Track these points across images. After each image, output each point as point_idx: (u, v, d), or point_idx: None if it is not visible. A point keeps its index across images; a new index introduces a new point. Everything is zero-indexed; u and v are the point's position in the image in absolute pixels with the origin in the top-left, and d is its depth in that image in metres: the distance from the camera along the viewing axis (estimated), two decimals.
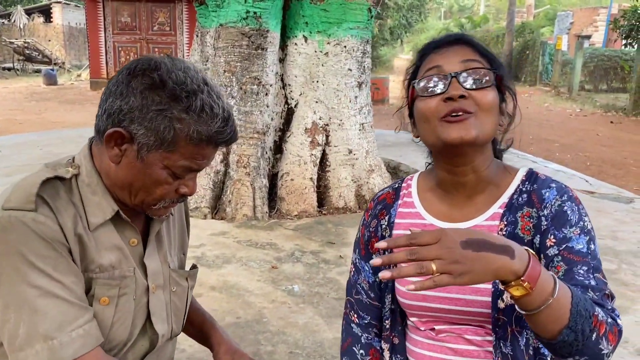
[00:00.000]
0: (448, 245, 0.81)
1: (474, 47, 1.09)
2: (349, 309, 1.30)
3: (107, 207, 1.05)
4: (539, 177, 1.12)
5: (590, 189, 5.80)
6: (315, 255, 3.77)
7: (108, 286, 1.04)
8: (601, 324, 0.90)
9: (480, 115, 1.04)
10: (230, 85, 4.67)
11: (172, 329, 1.18)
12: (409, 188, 1.24)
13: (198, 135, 0.97)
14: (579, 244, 1.01)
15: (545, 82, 19.80)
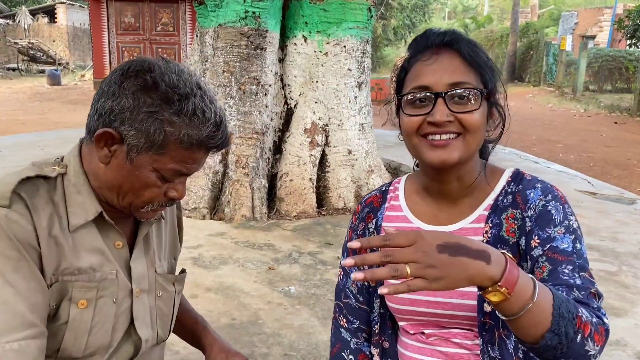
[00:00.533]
0: (423, 248, 0.79)
1: (465, 57, 1.03)
2: (337, 313, 1.28)
3: (91, 207, 1.03)
4: (525, 178, 1.10)
5: (593, 190, 5.75)
6: (312, 256, 3.75)
7: (85, 288, 1.01)
8: (585, 324, 0.87)
9: (466, 136, 1.03)
10: (229, 85, 4.66)
11: (157, 334, 1.16)
12: (396, 191, 1.23)
13: (189, 139, 0.96)
14: (564, 243, 0.99)
15: (549, 82, 19.72)
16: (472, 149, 1.05)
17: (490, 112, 1.07)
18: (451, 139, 1.02)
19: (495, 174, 1.14)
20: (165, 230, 1.22)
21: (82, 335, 1.01)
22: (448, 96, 1.01)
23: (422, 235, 0.80)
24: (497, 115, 1.09)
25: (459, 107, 1.02)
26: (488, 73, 1.05)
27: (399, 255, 0.79)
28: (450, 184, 1.11)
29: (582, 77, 16.81)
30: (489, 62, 1.07)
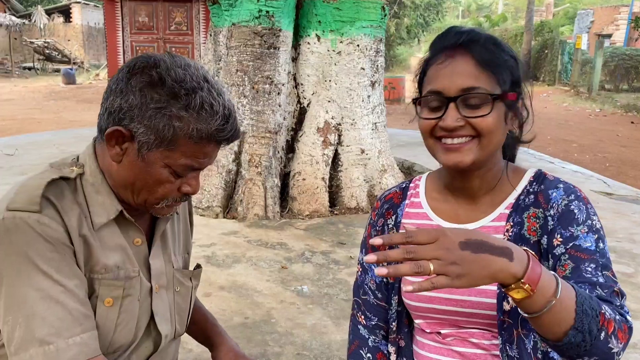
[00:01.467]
0: (446, 245, 0.78)
1: (478, 60, 1.01)
2: (356, 310, 1.28)
3: (111, 206, 1.04)
4: (547, 178, 1.10)
5: (608, 190, 5.68)
6: (325, 255, 3.75)
7: (113, 287, 1.03)
8: (609, 322, 0.86)
9: (481, 139, 1.02)
10: (242, 84, 4.67)
11: (175, 329, 1.17)
12: (416, 188, 1.23)
13: (198, 133, 0.96)
14: (587, 242, 0.99)
15: (564, 81, 19.52)
16: (489, 151, 1.04)
17: (512, 112, 1.06)
18: (464, 142, 1.02)
19: (517, 174, 1.13)
20: (178, 226, 1.23)
21: (107, 332, 1.02)
22: (460, 101, 1.01)
23: (445, 233, 0.80)
24: (518, 115, 1.07)
25: (470, 111, 1.01)
26: (505, 74, 1.02)
27: (421, 252, 0.79)
28: (471, 182, 1.11)
29: (598, 76, 16.61)
30: (509, 61, 1.04)
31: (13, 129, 9.25)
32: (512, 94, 1.03)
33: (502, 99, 1.02)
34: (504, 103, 1.03)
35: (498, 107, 1.02)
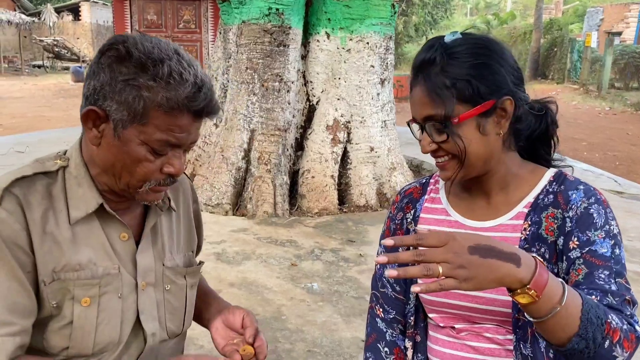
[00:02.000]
0: (455, 249, 0.81)
1: (427, 87, 1.03)
2: (374, 302, 1.29)
3: (92, 199, 1.01)
4: (567, 179, 1.09)
5: (619, 189, 5.64)
6: (335, 253, 3.75)
7: (88, 286, 1.00)
8: (615, 331, 0.88)
9: (458, 157, 1.05)
10: (252, 82, 4.67)
11: (167, 328, 1.13)
12: (436, 184, 1.24)
13: (168, 102, 0.93)
14: (603, 247, 0.99)
15: (573, 80, 19.39)
16: (475, 165, 1.06)
17: (493, 118, 1.03)
18: (446, 160, 1.06)
19: (536, 173, 1.13)
20: (179, 224, 1.19)
21: (88, 333, 1.00)
22: (427, 127, 1.05)
23: (454, 237, 0.82)
24: (503, 118, 1.04)
25: (437, 137, 1.04)
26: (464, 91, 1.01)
27: (431, 255, 0.82)
28: (480, 182, 1.12)
29: (608, 75, 16.49)
30: (475, 70, 1.02)
31: (23, 126, 9.32)
32: (475, 109, 1.01)
33: (460, 120, 1.01)
34: (477, 116, 1.02)
35: (464, 125, 1.02)
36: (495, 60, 1.04)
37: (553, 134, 1.16)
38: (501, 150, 1.08)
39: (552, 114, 1.15)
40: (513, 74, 1.05)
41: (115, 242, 1.05)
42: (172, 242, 1.16)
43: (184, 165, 1.02)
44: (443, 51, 1.03)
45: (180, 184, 1.21)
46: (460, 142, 1.02)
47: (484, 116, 1.03)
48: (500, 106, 1.03)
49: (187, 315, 1.18)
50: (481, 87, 1.01)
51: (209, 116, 0.99)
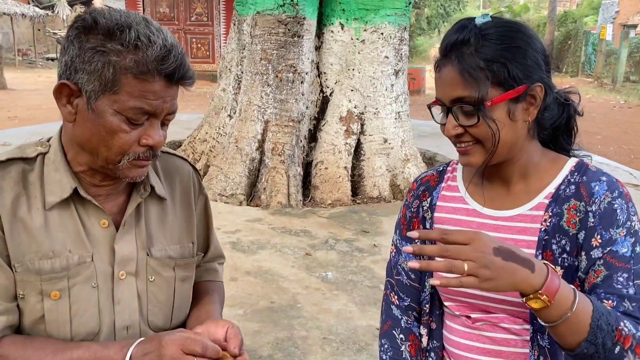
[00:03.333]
0: (482, 249, 0.84)
1: (461, 67, 1.00)
2: (389, 289, 1.29)
3: (67, 184, 1.00)
4: (589, 169, 1.08)
5: (635, 182, 5.60)
6: (349, 243, 3.76)
7: (55, 279, 0.98)
8: (627, 338, 0.90)
9: (483, 143, 1.03)
10: (266, 73, 4.68)
11: (149, 322, 1.09)
12: (454, 172, 1.23)
13: (137, 66, 0.91)
14: (624, 247, 0.99)
15: (587, 73, 19.19)
16: (499, 151, 1.03)
17: (523, 104, 1.02)
18: (470, 145, 1.04)
19: (557, 163, 1.11)
20: (174, 213, 1.15)
21: (63, 325, 0.99)
22: (455, 109, 1.02)
23: (480, 236, 0.85)
24: (532, 105, 1.03)
25: (465, 119, 1.02)
26: (498, 74, 0.99)
27: (457, 252, 0.84)
28: (500, 170, 1.11)
29: (623, 68, 16.30)
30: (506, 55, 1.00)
31: (39, 118, 9.41)
32: (508, 93, 1.00)
33: (492, 104, 0.99)
34: (508, 101, 1.00)
35: (496, 110, 1.00)
36: (529, 44, 1.02)
37: (574, 124, 1.15)
38: (525, 138, 1.07)
39: (575, 104, 1.14)
40: (544, 60, 1.04)
41: (93, 229, 1.03)
42: (163, 232, 1.12)
43: (163, 137, 0.99)
44: (477, 31, 1.00)
45: (177, 171, 1.18)
46: (494, 125, 1.00)
47: (515, 102, 1.01)
48: (531, 92, 1.02)
49: (175, 310, 1.13)
50: (516, 71, 1.00)
51: (182, 82, 0.97)
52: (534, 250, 1.05)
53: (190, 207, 1.19)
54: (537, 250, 1.05)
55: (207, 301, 1.20)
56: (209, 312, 1.15)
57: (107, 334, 1.03)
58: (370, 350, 2.41)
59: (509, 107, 1.01)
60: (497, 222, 1.11)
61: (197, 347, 0.92)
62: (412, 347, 1.23)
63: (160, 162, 1.16)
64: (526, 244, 1.07)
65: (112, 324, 1.03)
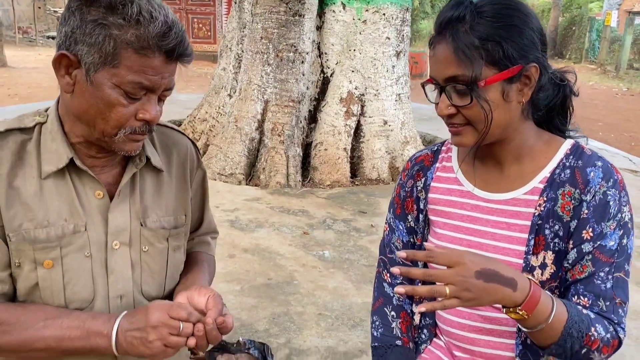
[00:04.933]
0: (463, 274, 0.89)
1: (455, 46, 0.98)
2: (382, 267, 1.30)
3: (63, 154, 1.01)
4: (585, 153, 1.07)
5: (634, 168, 5.61)
6: (346, 223, 3.79)
7: (48, 249, 1.00)
8: (595, 341, 0.97)
9: (475, 125, 1.03)
10: (266, 52, 4.66)
11: (143, 291, 1.11)
12: (448, 152, 1.22)
13: (138, 41, 0.91)
14: (612, 240, 1.01)
15: (590, 59, 19.07)
16: (491, 132, 1.02)
17: (517, 84, 1.01)
18: (462, 125, 1.04)
19: (552, 145, 1.10)
20: (170, 185, 1.17)
21: (57, 293, 1.01)
22: (449, 89, 1.01)
23: (464, 261, 0.89)
24: (526, 86, 1.02)
25: (458, 100, 1.01)
26: (493, 53, 0.97)
27: (440, 276, 0.90)
28: (493, 151, 1.10)
29: (627, 55, 16.20)
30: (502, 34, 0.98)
31: (39, 96, 9.38)
32: (502, 73, 0.98)
33: (486, 84, 0.98)
34: (503, 81, 0.99)
35: (490, 90, 0.99)
36: (526, 23, 1.00)
37: (570, 104, 1.14)
38: (519, 118, 1.06)
39: (570, 84, 1.13)
40: (540, 39, 1.02)
41: (87, 199, 1.04)
42: (158, 203, 1.13)
43: (159, 113, 1.00)
44: (473, 8, 0.99)
45: (174, 145, 1.19)
46: (487, 106, 0.99)
47: (509, 82, 1.00)
48: (526, 73, 1.00)
49: (168, 279, 1.15)
50: (511, 51, 0.98)
51: (181, 59, 0.98)
52: (527, 234, 1.06)
53: (186, 180, 1.20)
54: (530, 234, 1.06)
55: (195, 271, 1.22)
56: (194, 282, 1.16)
57: (102, 302, 1.05)
58: (364, 326, 2.44)
59: (503, 88, 1.00)
60: (491, 204, 1.12)
61: (182, 313, 0.96)
62: (403, 324, 1.25)
63: (158, 135, 1.17)
64: (519, 228, 1.08)
65: (106, 293, 1.06)
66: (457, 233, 1.14)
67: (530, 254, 1.05)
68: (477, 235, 1.11)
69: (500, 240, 1.09)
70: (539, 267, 1.05)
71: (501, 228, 1.09)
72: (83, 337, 0.97)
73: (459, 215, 1.14)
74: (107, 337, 0.97)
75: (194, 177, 1.24)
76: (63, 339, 0.97)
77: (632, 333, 2.51)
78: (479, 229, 1.12)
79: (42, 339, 0.97)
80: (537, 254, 1.05)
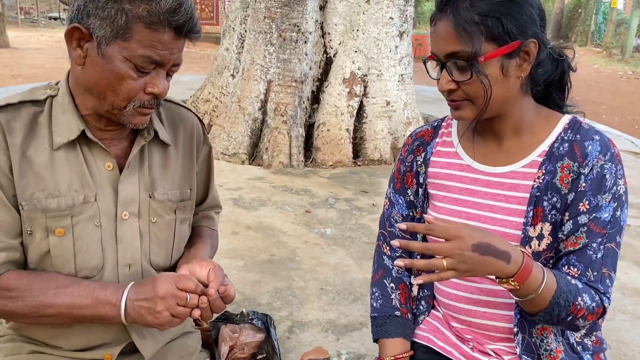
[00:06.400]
0: (460, 247, 0.92)
1: (455, 22, 1.00)
2: (381, 241, 1.33)
3: (74, 126, 1.04)
4: (582, 127, 1.09)
5: (636, 149, 5.62)
6: (348, 202, 3.82)
7: (59, 217, 1.03)
8: (580, 310, 1.01)
9: (474, 100, 1.05)
10: (269, 32, 4.66)
11: (151, 261, 1.14)
12: (449, 127, 1.24)
13: (150, 15, 0.94)
14: (606, 212, 1.04)
15: (596, 42, 18.90)
16: (490, 107, 1.05)
17: (517, 59, 1.03)
18: (462, 100, 1.06)
19: (551, 120, 1.12)
20: (176, 159, 1.19)
21: (68, 260, 1.04)
22: (449, 65, 1.03)
23: (462, 234, 0.93)
24: (525, 61, 1.04)
25: (459, 75, 1.03)
26: (492, 29, 0.99)
27: (438, 250, 0.94)
28: (493, 125, 1.12)
29: (633, 38, 16.05)
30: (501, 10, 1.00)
31: (42, 77, 9.39)
32: (501, 48, 1.00)
33: (486, 59, 1.00)
34: (502, 57, 1.01)
35: (489, 65, 1.01)
36: (523, 2, 1.01)
37: (568, 80, 1.16)
38: (517, 93, 1.07)
39: (568, 60, 1.14)
40: (539, 15, 1.04)
41: (98, 170, 1.07)
42: (165, 177, 1.16)
43: (167, 87, 1.03)
44: None
45: (181, 120, 1.22)
46: (487, 81, 1.01)
47: (508, 57, 1.02)
48: (525, 48, 1.02)
49: (175, 250, 1.19)
50: (510, 26, 1.00)
51: (189, 36, 1.00)
52: (525, 206, 1.09)
53: (192, 155, 1.23)
54: (529, 206, 1.08)
55: (198, 245, 1.26)
56: (196, 255, 1.20)
57: (111, 270, 1.08)
58: (364, 300, 2.49)
59: (502, 63, 1.01)
60: (490, 177, 1.14)
61: (190, 284, 1.00)
62: (402, 295, 1.28)
63: (165, 110, 1.20)
64: (517, 200, 1.10)
65: (115, 261, 1.09)
66: (456, 206, 1.16)
67: (529, 225, 1.08)
68: (476, 208, 1.14)
69: (498, 212, 1.11)
70: (536, 238, 1.08)
71: (500, 200, 1.12)
72: (92, 305, 1.01)
73: (458, 188, 1.17)
74: (116, 306, 1.00)
75: (200, 152, 1.27)
76: (73, 306, 1.01)
77: (629, 309, 2.55)
78: (478, 202, 1.14)
79: (53, 306, 1.01)
80: (534, 225, 1.08)
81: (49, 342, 1.11)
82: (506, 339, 1.15)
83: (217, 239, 1.39)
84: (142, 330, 1.12)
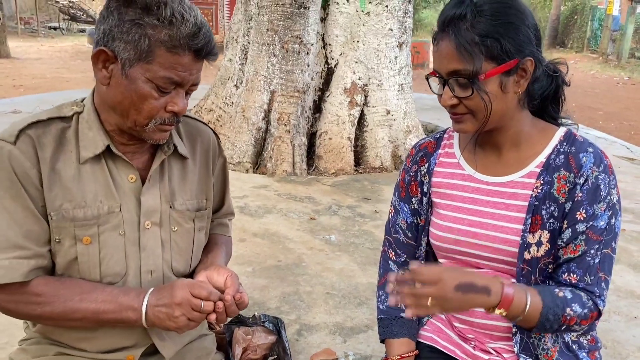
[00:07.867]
0: (444, 289, 1.02)
1: (457, 42, 1.06)
2: (387, 247, 1.40)
3: (99, 141, 1.10)
4: (577, 139, 1.16)
5: (631, 156, 5.72)
6: (351, 209, 3.92)
7: (87, 226, 1.09)
8: (571, 319, 1.10)
9: (475, 114, 1.12)
10: (272, 44, 4.77)
11: (172, 268, 1.20)
12: (450, 139, 1.31)
13: (171, 40, 1.00)
14: (602, 220, 1.12)
15: (592, 48, 19.07)
16: (490, 120, 1.11)
17: (515, 77, 1.09)
18: (463, 114, 1.13)
19: (547, 132, 1.20)
20: (194, 172, 1.26)
21: (94, 267, 1.11)
22: (451, 82, 1.09)
23: (444, 277, 1.03)
24: (522, 78, 1.10)
25: (460, 91, 1.09)
26: (491, 49, 1.05)
27: (423, 292, 1.03)
28: (493, 137, 1.19)
29: (629, 44, 16.22)
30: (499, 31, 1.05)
31: (44, 87, 9.48)
32: (500, 67, 1.06)
33: (486, 77, 1.06)
34: (501, 74, 1.07)
35: (489, 82, 1.07)
36: (521, 20, 1.08)
37: (562, 94, 1.23)
38: (515, 108, 1.14)
39: (562, 75, 1.21)
40: (535, 35, 1.10)
41: (121, 182, 1.13)
42: (183, 188, 1.22)
43: (186, 105, 1.11)
44: (473, 7, 1.07)
45: (198, 134, 1.29)
46: (487, 97, 1.07)
47: (507, 75, 1.08)
48: (522, 66, 1.08)
49: (194, 256, 1.26)
50: (508, 46, 1.06)
51: (208, 57, 1.08)
52: (524, 214, 1.15)
53: (209, 167, 1.30)
54: (528, 214, 1.14)
55: (214, 252, 1.33)
56: (213, 262, 1.27)
57: (134, 277, 1.15)
58: (369, 304, 2.58)
59: (501, 80, 1.08)
60: (490, 187, 1.20)
61: (203, 292, 1.07)
62: None
63: (183, 125, 1.28)
64: (516, 208, 1.16)
65: (138, 268, 1.16)
66: (459, 213, 1.23)
67: (527, 232, 1.14)
68: (478, 215, 1.20)
69: (499, 219, 1.18)
70: (535, 245, 1.14)
71: (500, 208, 1.18)
72: (116, 310, 1.08)
73: (461, 197, 1.23)
74: (138, 311, 1.08)
75: (216, 164, 1.33)
76: (98, 311, 1.08)
77: (623, 310, 2.65)
78: (479, 210, 1.21)
79: (78, 311, 1.08)
80: (533, 233, 1.14)
81: (74, 344, 1.17)
82: (506, 338, 1.22)
83: (231, 245, 1.47)
84: (162, 333, 1.19)
